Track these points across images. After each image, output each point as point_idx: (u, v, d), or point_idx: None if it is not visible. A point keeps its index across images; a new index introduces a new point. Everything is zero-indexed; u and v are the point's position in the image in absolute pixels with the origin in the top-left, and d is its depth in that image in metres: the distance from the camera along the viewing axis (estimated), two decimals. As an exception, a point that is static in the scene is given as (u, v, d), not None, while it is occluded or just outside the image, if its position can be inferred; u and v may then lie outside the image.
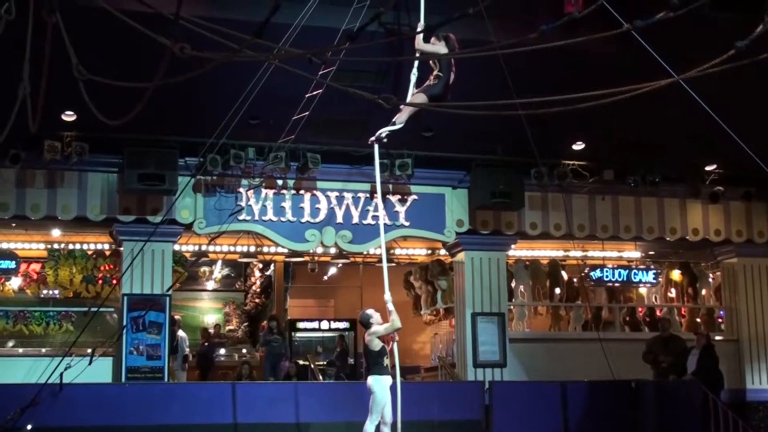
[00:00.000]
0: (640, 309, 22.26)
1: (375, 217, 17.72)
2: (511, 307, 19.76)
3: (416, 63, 11.38)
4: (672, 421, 15.78)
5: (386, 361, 12.14)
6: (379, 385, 12.00)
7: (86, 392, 14.34)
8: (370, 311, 12.39)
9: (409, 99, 11.19)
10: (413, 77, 11.41)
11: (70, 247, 19.72)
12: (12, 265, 18.07)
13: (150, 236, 15.48)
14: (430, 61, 11.20)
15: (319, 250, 18.89)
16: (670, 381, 16.87)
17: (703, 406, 16.05)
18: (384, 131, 11.66)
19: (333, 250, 19.12)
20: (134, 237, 16.32)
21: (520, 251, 20.51)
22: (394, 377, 11.88)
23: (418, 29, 11.43)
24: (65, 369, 13.98)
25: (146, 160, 15.89)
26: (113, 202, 16.59)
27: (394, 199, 17.83)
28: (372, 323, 12.20)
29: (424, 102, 11.08)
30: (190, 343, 20.37)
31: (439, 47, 11.15)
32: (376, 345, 12.11)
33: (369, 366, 12.31)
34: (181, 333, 19.11)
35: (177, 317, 19.66)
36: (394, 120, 11.49)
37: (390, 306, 11.83)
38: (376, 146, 12.06)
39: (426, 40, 11.24)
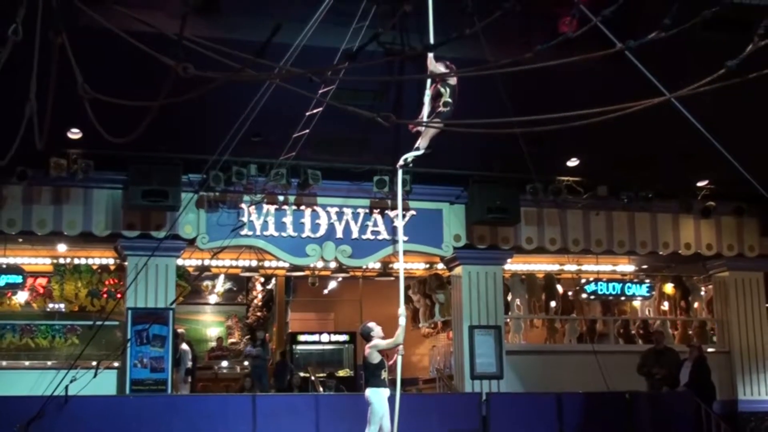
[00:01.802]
0: (633, 322, 22.24)
1: (374, 232, 17.75)
2: (508, 320, 19.74)
3: (428, 83, 11.37)
4: (665, 431, 15.75)
5: (384, 374, 12.09)
6: (378, 396, 11.95)
7: (91, 404, 14.32)
8: (371, 324, 12.34)
9: (423, 119, 11.22)
10: (427, 98, 11.40)
11: (76, 261, 19.72)
12: (19, 279, 18.03)
13: (154, 251, 15.50)
14: (439, 87, 11.21)
15: (320, 264, 18.89)
16: (663, 392, 16.87)
17: (696, 417, 16.05)
18: (409, 156, 11.69)
19: (333, 265, 19.11)
20: (138, 252, 16.32)
21: (516, 265, 20.49)
22: (393, 389, 11.83)
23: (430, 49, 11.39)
24: (71, 381, 13.95)
25: (150, 176, 15.89)
26: (118, 218, 16.59)
27: (392, 214, 17.82)
28: (372, 336, 12.16)
29: (439, 127, 11.15)
30: (193, 355, 20.31)
31: (442, 69, 11.16)
32: (375, 358, 12.07)
33: (367, 378, 12.27)
34: (184, 346, 19.06)
35: (180, 330, 19.62)
36: (417, 145, 11.53)
37: (402, 320, 11.80)
38: (400, 171, 12.13)
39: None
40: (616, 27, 8.14)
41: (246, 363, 20.98)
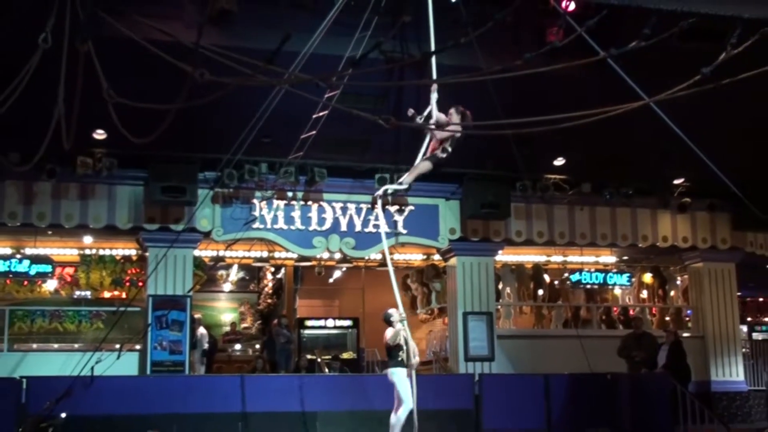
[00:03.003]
0: (615, 308, 22.24)
1: (376, 226, 17.72)
2: (499, 306, 19.74)
3: (427, 138, 11.37)
4: (644, 410, 15.74)
5: (402, 355, 12.40)
6: (398, 375, 12.33)
7: (115, 384, 14.31)
8: (392, 310, 12.72)
9: (417, 161, 11.30)
10: (423, 147, 11.45)
11: (101, 252, 19.72)
12: (48, 269, 18.06)
13: (173, 243, 15.52)
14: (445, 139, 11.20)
15: (325, 255, 18.87)
16: (642, 374, 16.84)
17: (673, 397, 16.02)
18: (389, 188, 11.67)
19: (338, 256, 19.10)
20: (158, 244, 16.31)
21: (506, 256, 20.47)
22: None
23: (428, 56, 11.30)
24: (96, 363, 13.96)
25: (169, 174, 15.89)
26: (139, 212, 16.58)
27: (392, 209, 17.82)
28: (393, 321, 12.48)
29: (428, 168, 11.28)
30: (213, 339, 20.29)
31: (454, 118, 11.08)
32: (393, 341, 12.26)
33: (388, 359, 12.57)
34: (202, 330, 19.06)
35: (198, 316, 19.62)
36: (401, 180, 11.49)
37: (398, 326, 12.32)
38: (379, 201, 12.08)
39: (444, 111, 11.21)
40: (599, 37, 8.15)
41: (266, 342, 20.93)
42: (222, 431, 14.44)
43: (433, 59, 11.03)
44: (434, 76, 11.22)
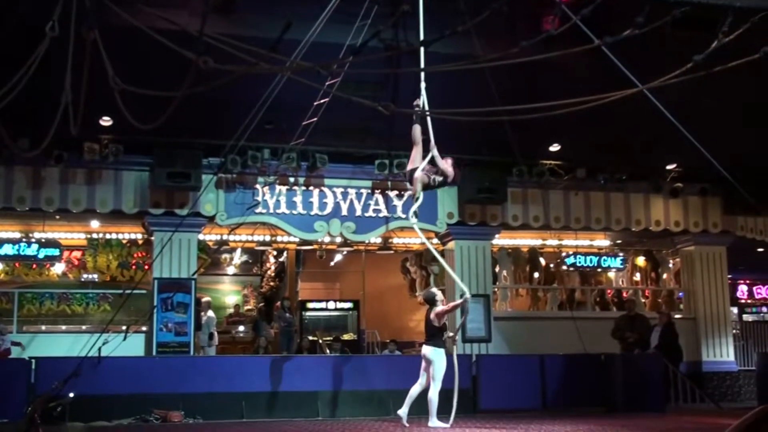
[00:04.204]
0: (608, 291, 22.27)
1: (376, 210, 17.76)
2: (496, 289, 19.76)
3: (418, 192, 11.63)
4: (637, 389, 15.79)
5: (445, 335, 12.41)
6: (440, 356, 12.26)
7: (121, 364, 14.37)
8: (434, 290, 12.77)
9: (418, 172, 11.41)
10: (417, 202, 11.69)
11: (107, 236, 19.71)
12: (56, 252, 18.05)
13: (177, 227, 15.57)
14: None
15: (326, 239, 18.87)
16: (635, 355, 16.89)
17: (665, 377, 16.08)
18: (414, 208, 11.84)
19: (338, 239, 19.09)
20: (164, 228, 16.33)
21: (503, 240, 20.49)
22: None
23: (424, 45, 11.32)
24: (103, 344, 14.00)
25: (174, 160, 15.90)
26: (145, 197, 16.59)
27: (392, 194, 17.83)
28: (436, 301, 12.43)
29: (426, 181, 11.49)
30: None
31: (446, 166, 11.58)
32: (437, 321, 12.28)
33: (428, 338, 12.45)
34: (210, 313, 19.11)
35: (207, 299, 19.70)
36: (415, 197, 11.62)
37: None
38: (415, 221, 12.28)
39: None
40: (594, 25, 8.14)
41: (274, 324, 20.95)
42: (226, 410, 14.50)
43: (422, 50, 11.01)
44: (422, 65, 11.21)
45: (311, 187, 17.55)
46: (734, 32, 6.28)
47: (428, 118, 11.25)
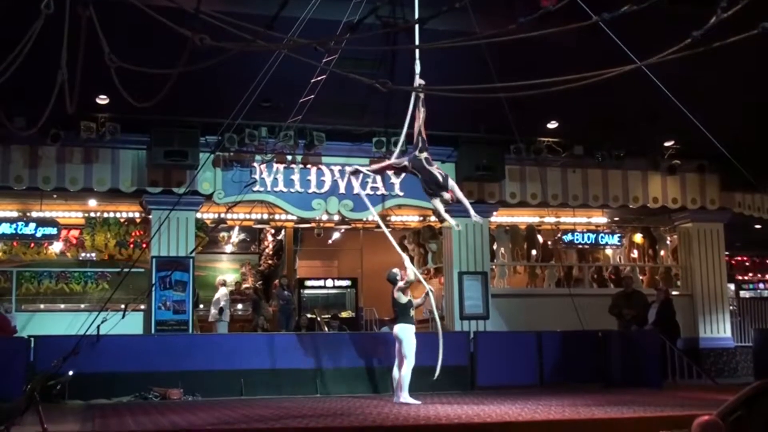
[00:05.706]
0: (606, 268, 22.31)
1: (373, 188, 17.74)
2: (493, 266, 19.80)
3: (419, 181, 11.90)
4: (634, 365, 15.85)
5: (412, 312, 12.55)
6: (408, 332, 12.42)
7: (120, 342, 14.38)
8: (396, 270, 12.91)
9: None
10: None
11: (105, 215, 19.69)
12: (54, 231, 18.02)
13: (175, 205, 15.53)
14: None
15: (324, 217, 18.85)
16: (632, 331, 16.92)
17: (662, 353, 16.12)
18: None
19: (336, 217, 19.09)
20: (161, 206, 16.33)
21: (501, 218, 20.48)
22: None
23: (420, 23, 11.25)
24: (102, 322, 13.96)
25: (171, 138, 15.90)
26: (142, 176, 16.59)
27: (390, 172, 17.80)
28: (398, 280, 12.59)
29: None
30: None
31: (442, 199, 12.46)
32: (403, 298, 12.37)
33: (396, 316, 12.62)
34: (223, 290, 19.21)
35: (222, 278, 20.33)
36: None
37: (406, 262, 12.76)
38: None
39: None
40: (591, 1, 8.10)
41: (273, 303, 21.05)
42: (225, 387, 14.54)
43: (416, 28, 10.97)
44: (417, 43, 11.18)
45: (309, 165, 17.54)
46: (733, 8, 6.24)
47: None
